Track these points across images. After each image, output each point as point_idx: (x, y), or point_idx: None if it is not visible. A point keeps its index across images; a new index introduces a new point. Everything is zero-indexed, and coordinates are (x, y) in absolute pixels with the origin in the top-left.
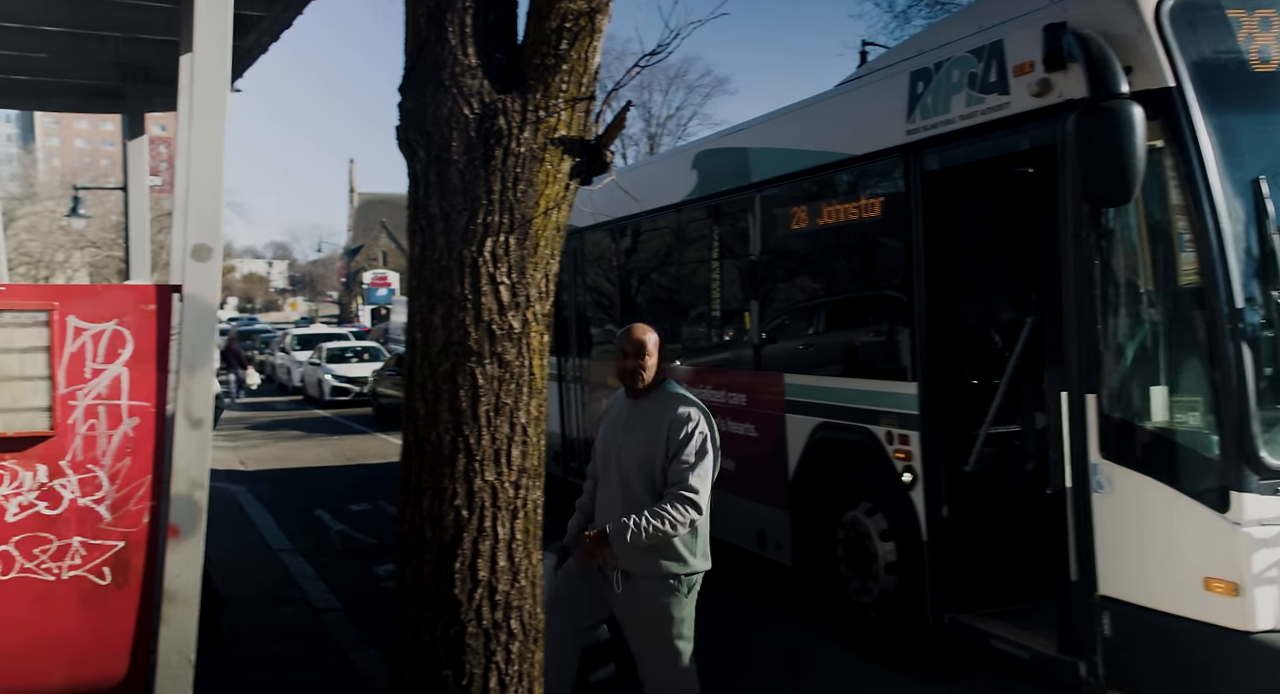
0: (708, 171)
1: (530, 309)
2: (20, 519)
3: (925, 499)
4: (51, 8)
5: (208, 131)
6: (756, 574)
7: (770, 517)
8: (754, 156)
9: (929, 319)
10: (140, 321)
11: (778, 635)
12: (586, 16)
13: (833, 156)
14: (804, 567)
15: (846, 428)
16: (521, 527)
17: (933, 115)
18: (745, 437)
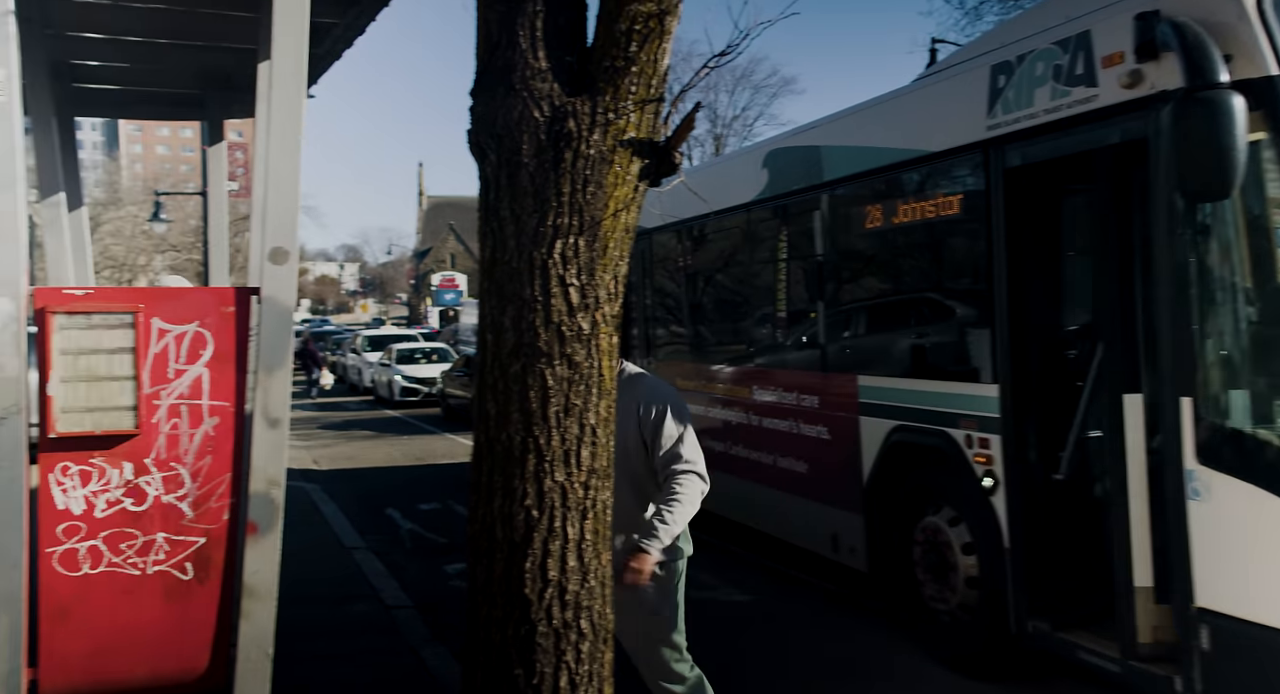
0: (778, 171)
1: (599, 310)
2: (108, 515)
3: (1007, 504)
4: (138, 19)
5: (284, 137)
6: (826, 578)
7: (844, 521)
8: (826, 155)
9: (1011, 320)
10: (220, 323)
11: (852, 640)
12: (656, 18)
13: (909, 153)
14: (879, 572)
15: (923, 431)
16: (591, 527)
17: (1015, 110)
18: (817, 439)
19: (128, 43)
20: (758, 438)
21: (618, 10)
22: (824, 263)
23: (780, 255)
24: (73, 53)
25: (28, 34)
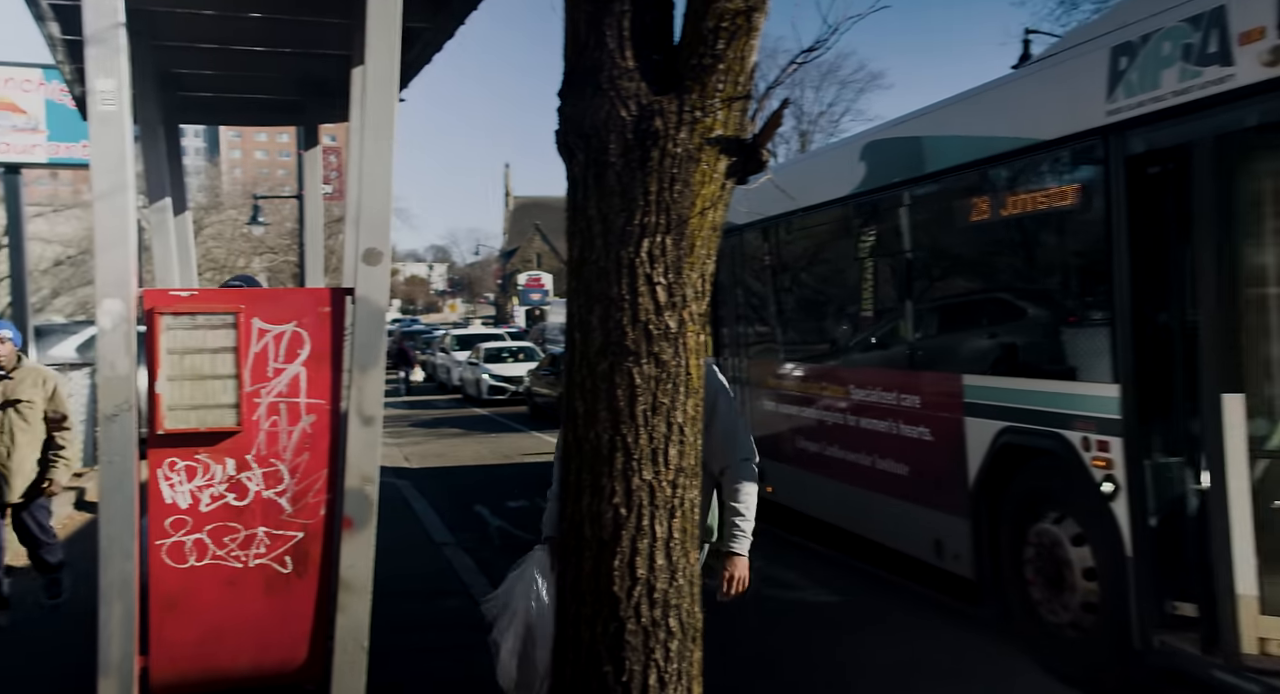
0: (877, 164)
1: (686, 309)
2: (212, 509)
3: (1129, 511)
4: (239, 29)
5: (378, 141)
6: (913, 579)
7: (948, 526)
8: (928, 146)
9: (1133, 315)
10: (317, 323)
11: (958, 651)
12: (743, 15)
13: (1019, 142)
14: (987, 580)
15: (1035, 433)
16: (679, 525)
17: (1138, 93)
18: (918, 440)
19: (229, 52)
20: (854, 438)
21: (705, 8)
22: (927, 257)
23: (878, 250)
24: (178, 63)
25: (137, 46)
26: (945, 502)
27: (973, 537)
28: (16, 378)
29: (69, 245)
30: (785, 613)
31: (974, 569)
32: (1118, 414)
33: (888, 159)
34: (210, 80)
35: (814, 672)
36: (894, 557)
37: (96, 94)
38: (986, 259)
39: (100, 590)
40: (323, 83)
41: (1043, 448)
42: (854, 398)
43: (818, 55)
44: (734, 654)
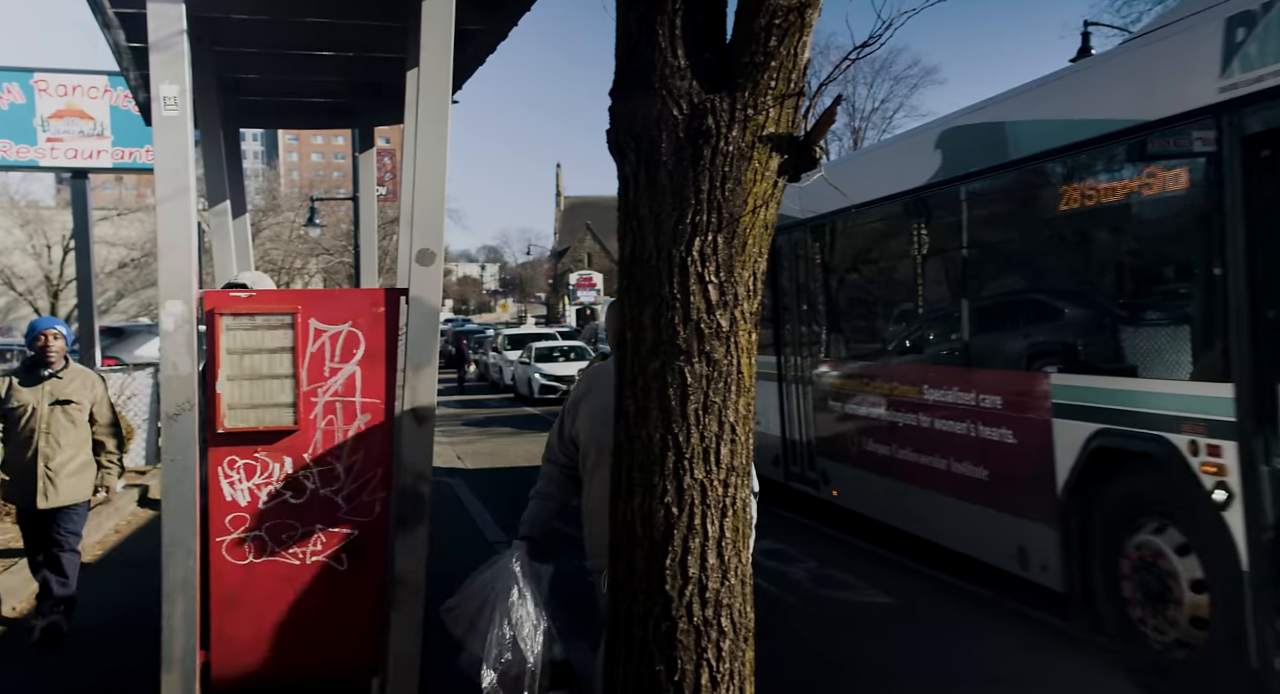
0: (954, 152)
1: (738, 308)
2: (270, 507)
3: (1244, 521)
4: (297, 33)
5: (431, 142)
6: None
7: (1033, 534)
8: (1013, 131)
9: (1250, 309)
10: (371, 323)
11: (1041, 667)
12: (796, 12)
13: (1117, 124)
14: (1078, 592)
15: (1134, 436)
16: (730, 524)
17: (1258, 66)
18: (1001, 443)
19: (287, 56)
20: (928, 440)
21: (757, 5)
22: (1011, 249)
23: (956, 243)
24: (237, 68)
25: (198, 51)
26: (1030, 508)
27: (1061, 546)
28: (65, 378)
29: (133, 248)
30: (841, 615)
31: (1063, 581)
32: (1232, 416)
33: (970, 146)
34: (268, 84)
35: (874, 677)
36: (961, 561)
37: (160, 100)
38: (1083, 249)
39: (163, 586)
40: (377, 85)
41: (1143, 452)
42: (928, 398)
43: (871, 51)
44: (789, 655)
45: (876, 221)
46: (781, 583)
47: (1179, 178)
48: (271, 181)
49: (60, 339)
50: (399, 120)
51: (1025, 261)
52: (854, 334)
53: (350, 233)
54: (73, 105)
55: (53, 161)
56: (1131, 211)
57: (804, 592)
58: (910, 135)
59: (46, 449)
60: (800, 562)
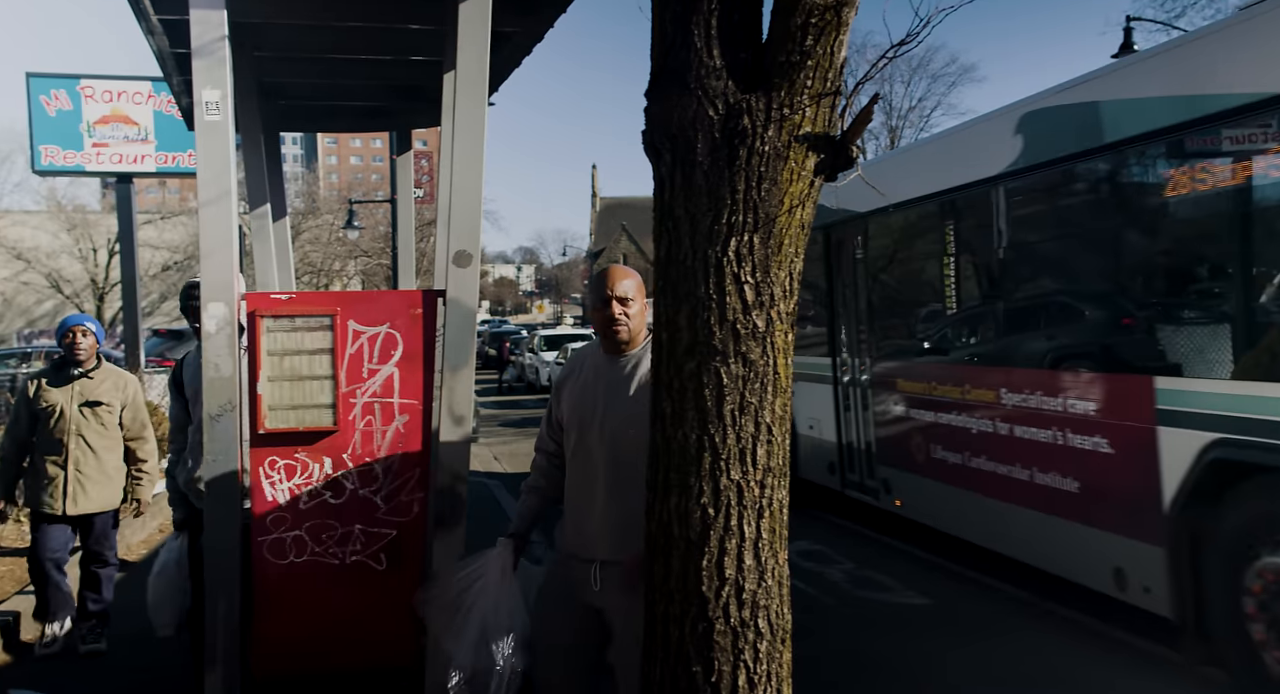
0: (1037, 137)
1: (774, 308)
2: (310, 507)
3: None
4: (336, 38)
5: (468, 144)
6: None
7: (1134, 553)
8: (1109, 112)
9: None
10: (409, 324)
11: (1088, 670)
12: (832, 10)
13: (1244, 98)
14: (1189, 618)
15: (1262, 447)
16: (768, 526)
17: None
18: (1095, 452)
19: (326, 60)
20: (1010, 449)
21: (793, 4)
22: (1108, 241)
23: (1041, 234)
24: (277, 72)
25: (239, 57)
26: (1130, 525)
27: (1169, 568)
28: (96, 378)
29: (176, 251)
30: (879, 616)
31: (1173, 607)
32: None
33: (1054, 131)
34: (307, 88)
35: (912, 680)
36: (1000, 564)
37: (202, 105)
38: (1193, 240)
39: (206, 585)
40: (414, 88)
41: (1273, 465)
42: (1010, 402)
43: (909, 49)
44: (826, 656)
45: (951, 212)
46: (819, 584)
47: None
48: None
49: (90, 336)
50: (436, 123)
51: (1122, 253)
52: (923, 334)
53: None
54: (118, 111)
55: (98, 167)
56: (1258, 194)
57: (841, 593)
58: (983, 120)
59: (76, 452)
60: (838, 563)
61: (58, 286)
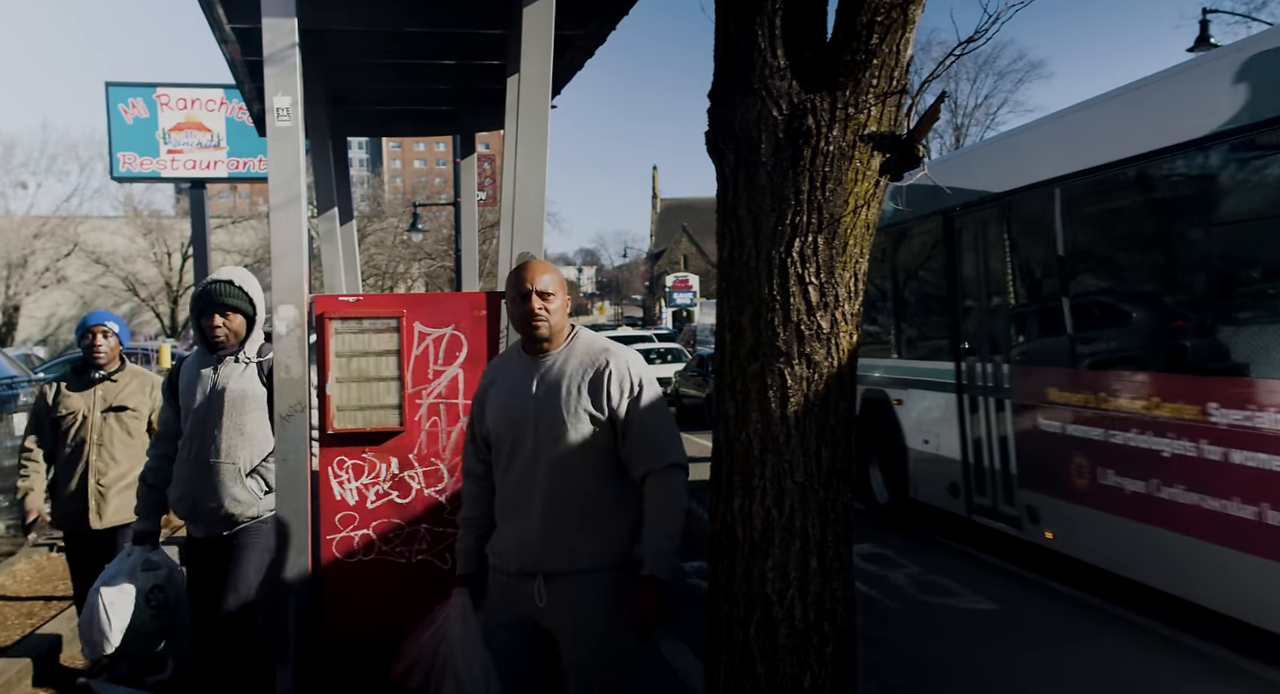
0: (1263, 87)
1: (839, 309)
2: (377, 506)
3: None
4: (402, 44)
5: (531, 147)
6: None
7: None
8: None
9: None
10: (473, 326)
11: (1161, 675)
12: (899, 8)
13: None
14: None
15: None
16: (832, 528)
17: None
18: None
19: (392, 65)
20: (1221, 479)
21: (859, 2)
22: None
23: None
24: (345, 78)
25: (308, 63)
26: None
27: None
28: (120, 381)
29: (246, 254)
30: (944, 621)
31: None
32: None
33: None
34: (373, 93)
35: (980, 685)
36: (1067, 567)
37: (274, 111)
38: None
39: (280, 585)
40: (478, 92)
41: None
42: (1227, 421)
43: (976, 47)
44: (892, 661)
45: (1151, 182)
46: (883, 587)
47: None
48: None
49: (112, 337)
50: (499, 126)
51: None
52: (1095, 334)
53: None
54: (191, 118)
55: (173, 172)
56: None
57: (906, 597)
58: (1135, 88)
59: (98, 463)
60: (902, 566)
61: (134, 289)
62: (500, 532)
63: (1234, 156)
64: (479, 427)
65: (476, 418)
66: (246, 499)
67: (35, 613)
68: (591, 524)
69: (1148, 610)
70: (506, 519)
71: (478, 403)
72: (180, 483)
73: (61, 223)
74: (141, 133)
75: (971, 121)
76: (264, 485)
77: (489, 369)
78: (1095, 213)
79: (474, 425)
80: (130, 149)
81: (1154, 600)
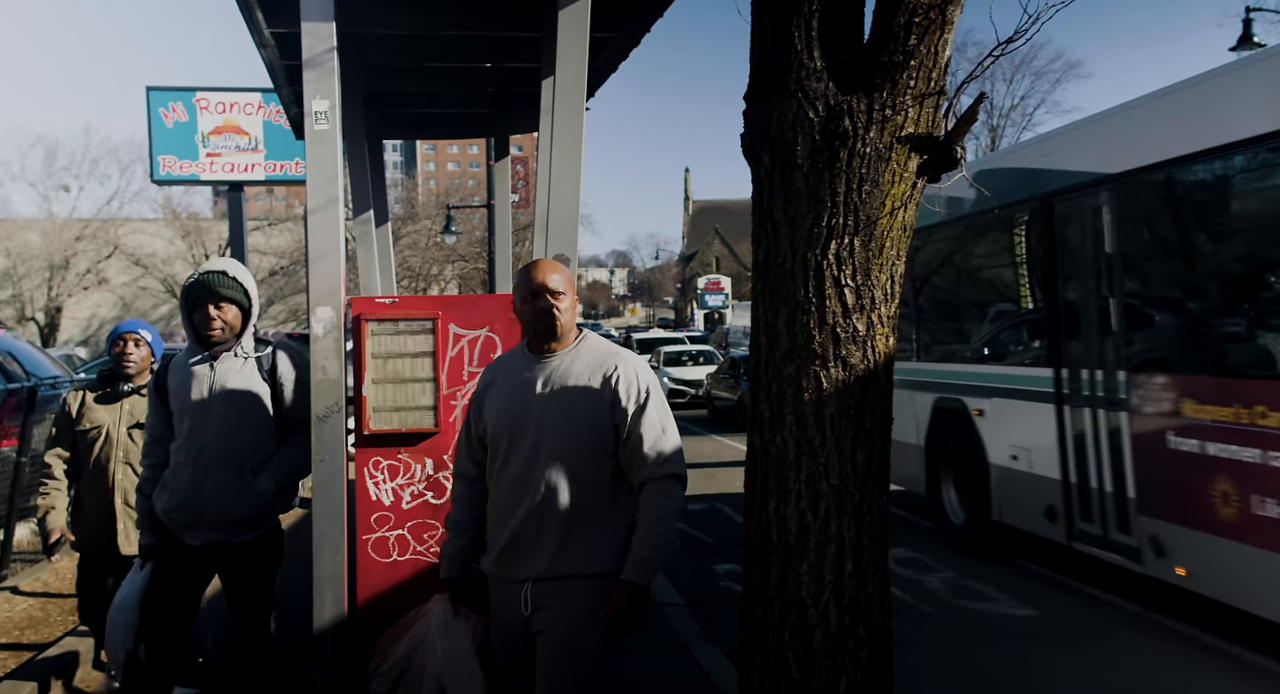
0: None
1: (875, 311)
2: (412, 507)
3: None
4: (438, 47)
5: (566, 150)
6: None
7: None
8: None
9: None
10: (508, 328)
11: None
12: (937, 9)
13: None
14: None
15: None
16: (868, 532)
17: None
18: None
19: (427, 69)
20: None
21: (895, 3)
22: None
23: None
24: (381, 81)
25: (346, 68)
26: None
27: None
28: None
29: (282, 256)
30: (980, 626)
31: None
32: None
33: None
34: (409, 96)
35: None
36: (1105, 572)
37: (312, 114)
38: None
39: (314, 582)
40: (512, 95)
41: None
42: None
43: (1016, 47)
44: (927, 666)
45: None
46: (917, 592)
47: None
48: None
49: (144, 346)
50: (533, 128)
51: None
52: (1239, 334)
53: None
54: (230, 122)
55: (212, 175)
56: None
57: (940, 601)
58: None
59: (125, 481)
60: (936, 570)
61: (172, 291)
62: (493, 535)
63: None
64: (475, 426)
65: (474, 417)
66: (257, 500)
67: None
68: (586, 528)
69: (1189, 617)
70: (499, 523)
71: (476, 402)
72: (178, 489)
73: (102, 225)
74: (181, 136)
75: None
76: (272, 485)
77: (489, 369)
78: (1233, 199)
79: (470, 426)
80: (170, 152)
81: (1196, 607)
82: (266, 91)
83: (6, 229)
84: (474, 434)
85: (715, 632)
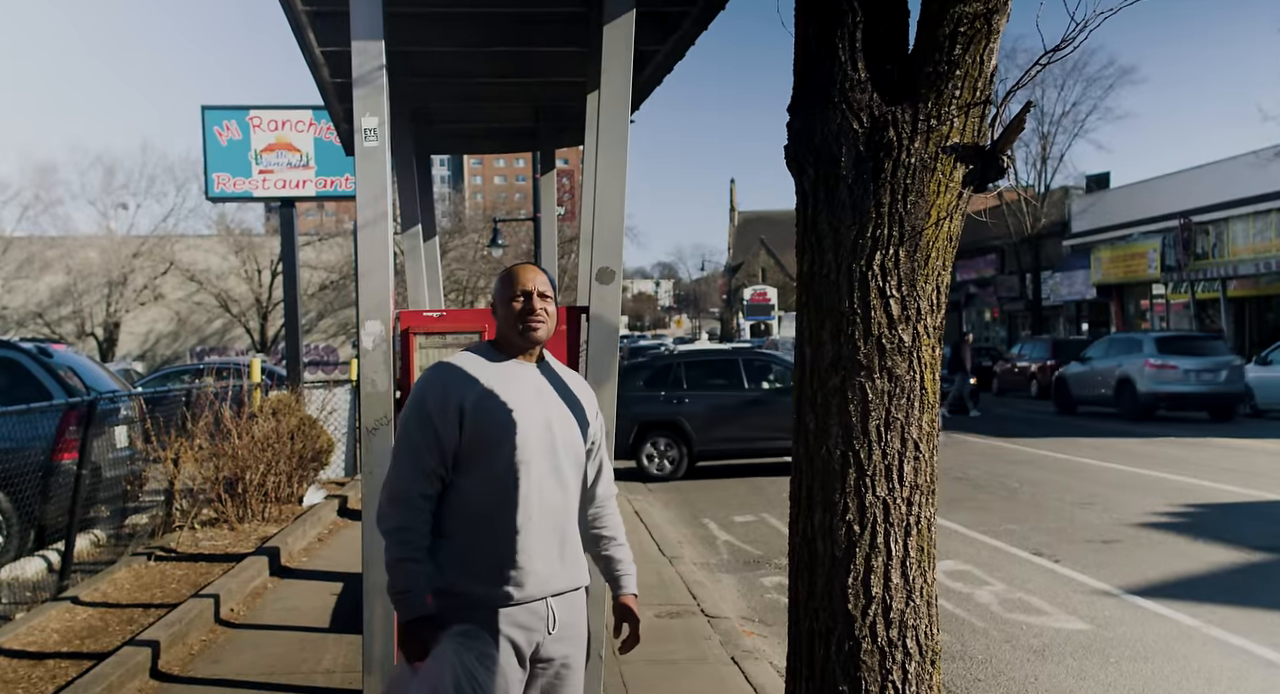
0: None
1: (921, 322)
2: None
3: None
4: (484, 63)
5: (611, 163)
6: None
7: None
8: None
9: None
10: (554, 340)
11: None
12: (983, 18)
13: None
14: None
15: None
16: (915, 544)
17: None
18: None
19: (474, 84)
20: None
21: (941, 13)
22: None
23: None
24: (428, 98)
25: (394, 85)
26: None
27: None
28: None
29: (332, 271)
30: (1032, 641)
31: None
32: None
33: None
34: (456, 112)
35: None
36: (1162, 588)
37: (362, 131)
38: None
39: (364, 592)
40: (558, 109)
41: None
42: None
43: (1064, 55)
44: (977, 681)
45: None
46: (967, 605)
47: None
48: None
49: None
50: (579, 142)
51: None
52: None
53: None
54: (282, 139)
55: (265, 192)
56: None
57: (991, 615)
58: None
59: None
60: (987, 583)
61: (226, 306)
62: (486, 556)
63: None
64: (447, 441)
65: (443, 425)
66: None
67: (134, 620)
68: (576, 539)
69: (1247, 632)
70: (500, 537)
71: (450, 415)
72: None
73: (159, 242)
74: (235, 154)
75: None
76: None
77: (454, 376)
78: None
79: (437, 435)
80: (224, 170)
81: (1253, 623)
82: (317, 109)
83: (67, 246)
84: (446, 450)
85: (764, 645)
